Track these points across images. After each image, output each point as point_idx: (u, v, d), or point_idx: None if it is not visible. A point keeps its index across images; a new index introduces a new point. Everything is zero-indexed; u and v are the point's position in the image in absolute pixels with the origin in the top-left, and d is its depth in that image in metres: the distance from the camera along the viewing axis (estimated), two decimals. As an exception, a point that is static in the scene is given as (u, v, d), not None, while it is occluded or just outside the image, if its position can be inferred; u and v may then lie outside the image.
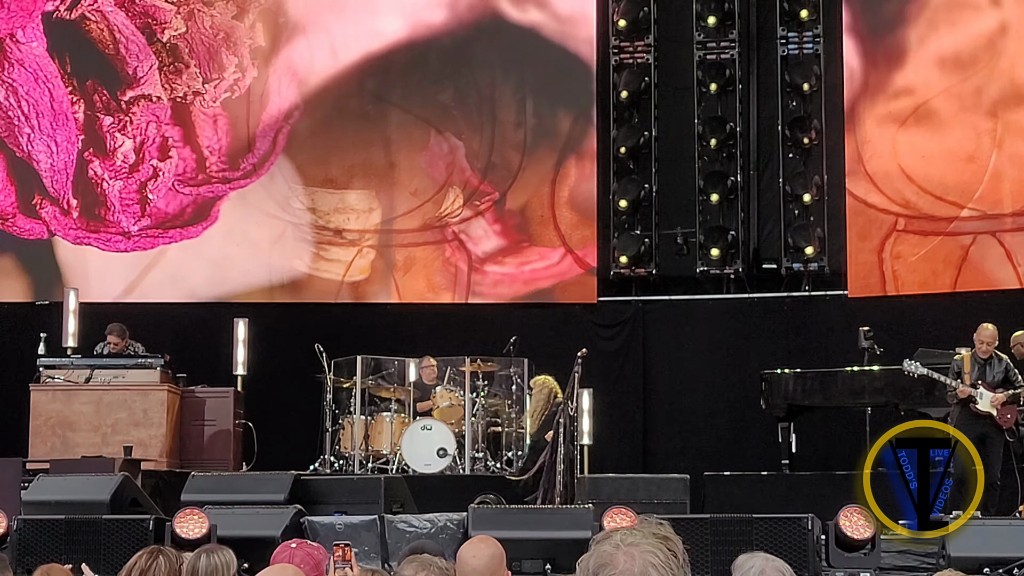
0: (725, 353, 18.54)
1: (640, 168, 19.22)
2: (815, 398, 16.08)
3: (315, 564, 5.73)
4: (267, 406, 17.04)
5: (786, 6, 18.91)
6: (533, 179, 19.20)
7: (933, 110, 18.17)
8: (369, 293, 19.24)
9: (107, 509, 11.65)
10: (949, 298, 17.77)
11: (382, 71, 19.48)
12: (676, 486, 13.23)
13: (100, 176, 19.16)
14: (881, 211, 18.28)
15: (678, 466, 15.56)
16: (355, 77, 19.46)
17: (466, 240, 19.15)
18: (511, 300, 19.13)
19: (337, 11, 19.60)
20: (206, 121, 19.32)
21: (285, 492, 12.49)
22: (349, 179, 19.36)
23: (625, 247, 18.92)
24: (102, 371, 15.46)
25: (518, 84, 19.45)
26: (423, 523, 11.77)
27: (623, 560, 3.42)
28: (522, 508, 12.90)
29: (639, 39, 19.38)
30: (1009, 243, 17.70)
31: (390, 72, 19.48)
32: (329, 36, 19.53)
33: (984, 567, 10.50)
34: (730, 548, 10.55)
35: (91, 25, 19.38)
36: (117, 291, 18.97)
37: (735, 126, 18.95)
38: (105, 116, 19.25)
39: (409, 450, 15.69)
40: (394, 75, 19.48)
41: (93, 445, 14.98)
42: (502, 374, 16.83)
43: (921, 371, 13.96)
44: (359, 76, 19.46)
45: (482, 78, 19.47)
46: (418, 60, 19.47)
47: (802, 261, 18.54)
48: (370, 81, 19.45)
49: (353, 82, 19.45)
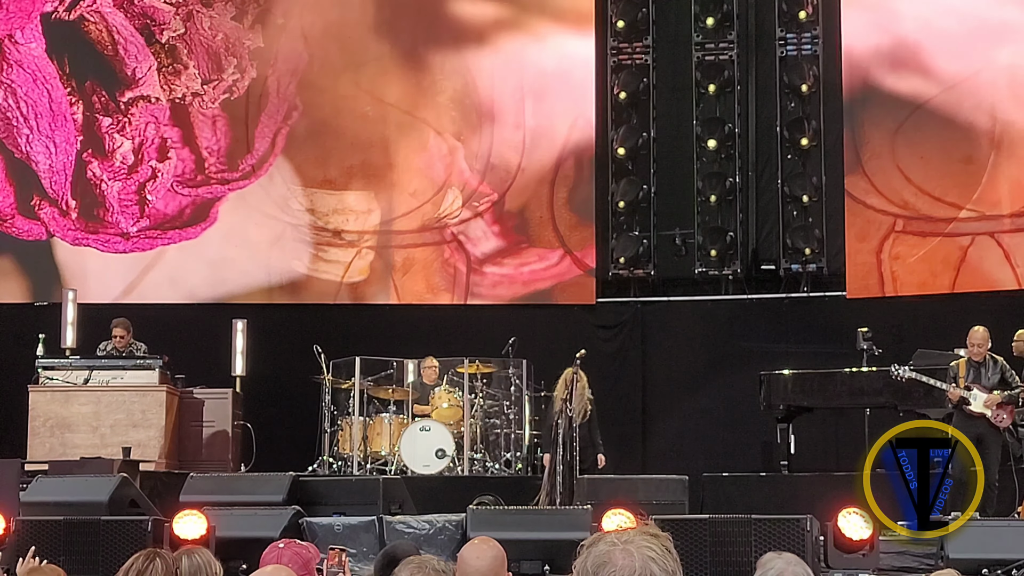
0: (724, 354, 18.53)
1: (638, 169, 19.22)
2: (814, 399, 16.08)
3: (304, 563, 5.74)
4: (266, 407, 17.05)
5: (784, 7, 18.91)
6: (532, 180, 19.20)
7: (932, 111, 18.17)
8: (368, 294, 19.24)
9: (105, 510, 11.64)
10: (947, 299, 17.78)
11: (381, 72, 19.47)
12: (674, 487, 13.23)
13: (99, 177, 19.17)
14: (880, 212, 18.29)
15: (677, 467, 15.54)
16: (353, 78, 19.45)
17: (465, 241, 19.16)
18: (510, 301, 19.13)
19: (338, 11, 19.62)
20: (205, 122, 19.32)
21: (283, 493, 12.50)
22: (348, 180, 19.36)
23: (624, 248, 18.92)
24: (100, 372, 15.47)
25: (516, 85, 19.45)
26: (421, 524, 11.77)
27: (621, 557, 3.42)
28: (520, 509, 12.90)
29: (638, 40, 19.39)
30: (1007, 244, 17.70)
31: (388, 72, 19.48)
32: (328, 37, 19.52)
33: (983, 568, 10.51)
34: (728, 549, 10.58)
35: (90, 26, 19.38)
36: (116, 292, 18.96)
37: (734, 127, 18.96)
38: (104, 117, 19.25)
39: (408, 451, 15.69)
40: (394, 76, 19.47)
41: (92, 446, 14.98)
42: (501, 375, 16.83)
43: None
44: (358, 77, 19.45)
45: (481, 79, 19.46)
46: (417, 61, 19.46)
47: (801, 262, 18.55)
48: (369, 82, 19.44)
49: (352, 82, 19.44)
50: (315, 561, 5.87)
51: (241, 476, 14.85)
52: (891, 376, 14.21)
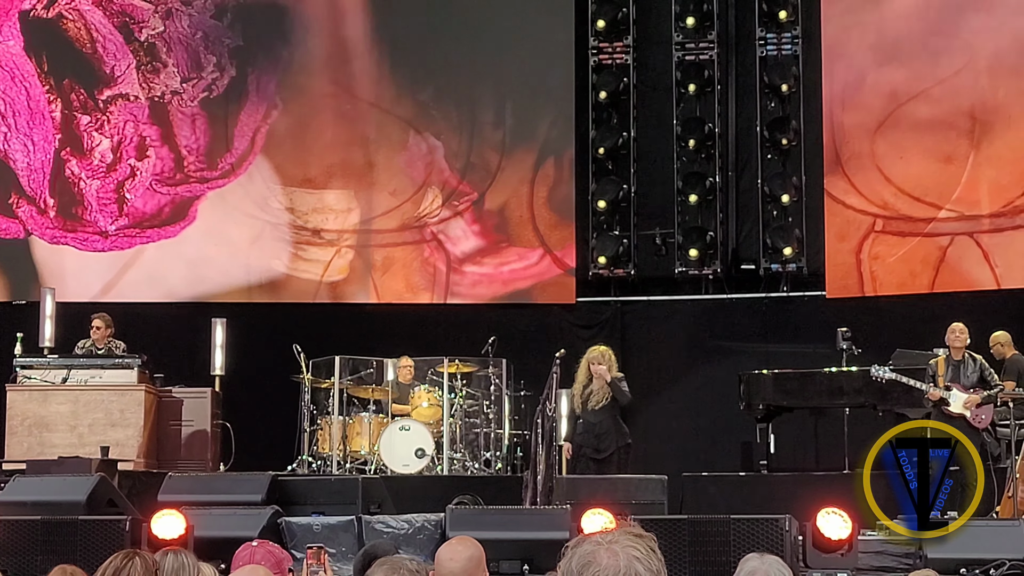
0: (703, 354, 18.56)
1: (619, 169, 19.22)
2: (793, 399, 16.10)
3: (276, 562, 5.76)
4: (245, 406, 17.00)
5: (764, 7, 18.93)
6: (512, 179, 19.19)
7: (911, 111, 18.21)
8: (347, 293, 19.22)
9: (84, 510, 11.60)
10: (927, 299, 17.82)
11: (361, 70, 19.44)
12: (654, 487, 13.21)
13: (77, 175, 19.11)
14: (859, 212, 18.33)
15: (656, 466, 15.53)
16: (334, 76, 19.43)
17: (445, 240, 19.14)
18: (490, 300, 19.12)
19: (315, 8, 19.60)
20: (184, 120, 19.27)
21: (262, 493, 12.47)
22: (328, 179, 19.33)
23: (603, 248, 18.93)
24: (79, 371, 15.40)
25: (497, 84, 19.45)
26: (401, 524, 11.75)
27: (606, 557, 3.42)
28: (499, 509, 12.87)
29: (618, 40, 19.39)
30: (986, 244, 17.75)
31: (369, 71, 19.46)
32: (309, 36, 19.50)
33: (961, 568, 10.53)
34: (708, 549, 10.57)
35: (68, 24, 19.32)
36: (94, 291, 18.90)
37: (714, 127, 18.98)
38: (82, 115, 19.20)
39: (387, 451, 15.67)
40: (373, 75, 19.45)
41: (70, 445, 14.91)
42: (480, 375, 16.82)
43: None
44: (338, 75, 19.43)
45: (461, 78, 19.45)
46: (398, 59, 19.44)
47: (780, 262, 18.57)
48: (349, 80, 19.41)
49: (331, 81, 19.42)
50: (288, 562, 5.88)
51: (220, 476, 14.82)
52: (871, 377, 14.24)
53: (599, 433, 14.44)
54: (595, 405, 14.43)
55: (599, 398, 14.42)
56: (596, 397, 14.43)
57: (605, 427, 14.45)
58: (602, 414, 14.44)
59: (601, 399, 14.41)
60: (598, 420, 14.44)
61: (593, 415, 14.46)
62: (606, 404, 14.43)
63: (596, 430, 14.45)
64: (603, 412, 14.45)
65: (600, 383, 14.40)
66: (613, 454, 14.47)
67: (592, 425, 14.44)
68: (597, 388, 14.42)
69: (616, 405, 14.57)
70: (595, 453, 14.46)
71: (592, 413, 14.43)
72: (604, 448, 14.44)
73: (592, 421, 14.44)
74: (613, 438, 14.50)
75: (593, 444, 14.46)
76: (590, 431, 14.45)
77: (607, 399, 14.41)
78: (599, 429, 14.44)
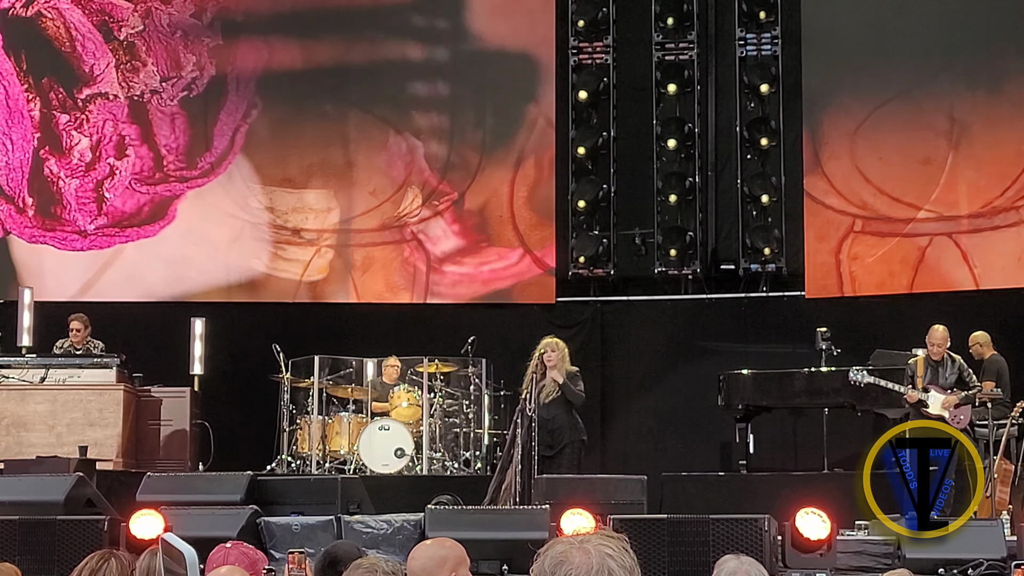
0: (683, 353, 18.57)
1: (598, 169, 19.22)
2: (772, 399, 16.15)
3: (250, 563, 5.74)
4: (224, 406, 16.99)
5: (744, 7, 18.95)
6: (492, 179, 19.19)
7: (891, 112, 18.24)
8: (327, 293, 19.19)
9: (62, 510, 11.57)
10: (906, 299, 17.86)
11: (341, 70, 19.42)
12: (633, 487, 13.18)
13: (56, 174, 19.05)
14: (839, 212, 18.36)
15: (635, 466, 15.57)
16: (314, 76, 19.40)
17: (425, 240, 19.13)
18: (469, 300, 19.12)
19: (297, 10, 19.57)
20: (163, 120, 19.23)
21: (241, 492, 12.43)
22: (307, 178, 19.31)
23: (583, 247, 18.92)
24: (57, 370, 15.38)
25: (477, 84, 19.44)
26: (380, 524, 11.73)
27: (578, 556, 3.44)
28: (478, 509, 12.87)
29: (598, 40, 19.39)
30: (965, 245, 17.79)
31: (349, 71, 19.44)
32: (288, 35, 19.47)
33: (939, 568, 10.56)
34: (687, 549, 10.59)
35: (47, 22, 19.26)
36: (73, 290, 18.85)
37: (693, 127, 18.98)
38: (61, 114, 19.14)
39: (366, 450, 15.67)
40: (353, 74, 19.43)
41: (48, 445, 14.88)
42: (460, 374, 16.83)
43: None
44: (318, 75, 19.40)
45: (441, 78, 19.44)
46: (378, 59, 19.42)
47: (760, 262, 18.59)
48: (329, 80, 19.39)
49: (311, 81, 19.38)
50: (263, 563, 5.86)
51: (198, 475, 14.78)
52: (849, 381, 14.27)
53: (552, 429, 13.83)
54: (546, 398, 13.80)
55: (550, 390, 13.85)
56: (548, 389, 13.83)
57: (559, 422, 13.90)
58: (555, 408, 13.86)
59: (552, 391, 13.85)
60: (551, 415, 13.82)
61: (546, 409, 13.77)
62: (557, 397, 13.88)
63: (549, 425, 13.79)
64: (556, 406, 13.88)
65: (552, 374, 13.87)
66: (565, 447, 13.94)
67: (544, 420, 13.73)
68: (549, 380, 13.86)
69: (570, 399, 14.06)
70: (546, 450, 13.73)
71: (544, 408, 13.76)
72: (556, 443, 13.87)
73: (545, 416, 13.74)
74: (567, 433, 13.97)
75: (546, 440, 13.73)
76: (543, 426, 13.68)
77: (559, 391, 13.91)
78: (552, 424, 13.83)
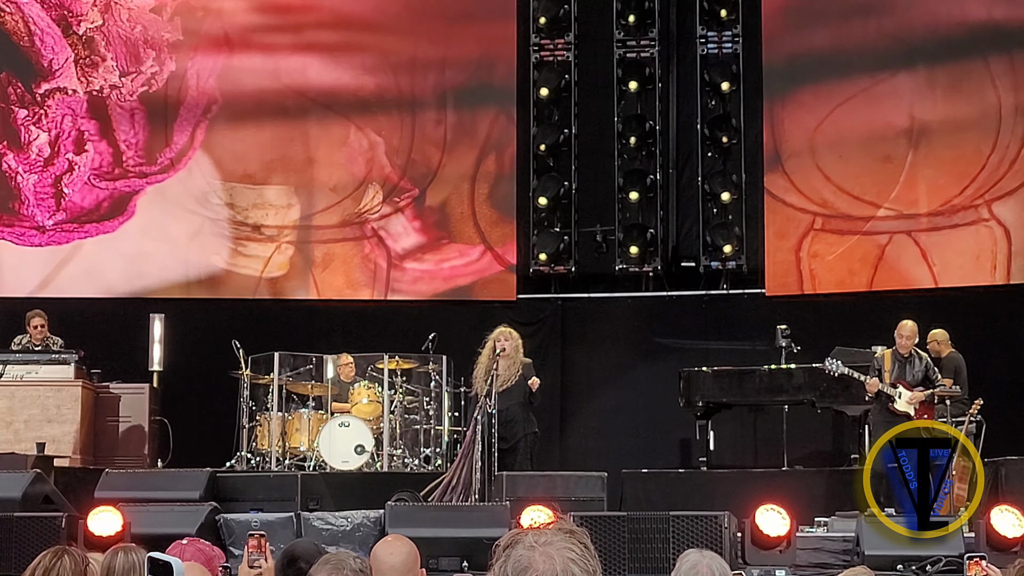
0: (643, 351, 18.60)
1: (560, 166, 19.22)
2: (733, 396, 16.19)
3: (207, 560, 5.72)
4: (183, 402, 16.93)
5: (706, 5, 18.98)
6: (453, 176, 19.17)
7: (851, 110, 18.30)
8: (287, 289, 19.14)
9: (19, 506, 11.52)
10: (865, 297, 17.94)
11: (301, 66, 19.37)
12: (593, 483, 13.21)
13: (14, 169, 18.93)
14: (799, 210, 18.42)
15: (596, 463, 15.57)
16: (274, 72, 19.33)
17: (385, 237, 19.10)
18: (430, 297, 19.09)
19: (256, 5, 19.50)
20: (123, 115, 19.13)
21: (201, 489, 12.43)
22: (268, 175, 19.25)
23: (544, 244, 18.92)
24: (15, 367, 15.28)
25: (438, 81, 19.41)
26: (340, 520, 11.73)
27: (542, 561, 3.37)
28: (439, 506, 12.88)
29: (559, 36, 19.39)
30: (924, 243, 17.88)
31: (309, 67, 19.38)
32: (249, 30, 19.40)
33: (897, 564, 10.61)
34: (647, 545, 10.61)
35: (5, 17, 19.13)
36: (31, 286, 18.73)
37: (655, 124, 19.00)
38: (20, 109, 19.02)
39: (326, 447, 15.63)
40: (314, 70, 19.37)
41: (5, 442, 14.81)
42: (421, 371, 16.80)
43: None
44: (278, 71, 19.33)
45: (402, 74, 19.40)
46: (339, 55, 19.37)
47: (720, 259, 18.63)
48: (289, 76, 19.32)
49: (272, 76, 19.32)
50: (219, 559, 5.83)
51: (157, 472, 14.76)
52: (824, 370, 14.29)
53: (505, 420, 13.66)
54: (500, 387, 13.51)
55: (505, 378, 13.62)
56: (502, 378, 13.58)
57: (512, 414, 13.78)
58: (509, 399, 13.66)
59: (507, 380, 13.63)
60: (505, 406, 13.59)
61: (499, 400, 13.51)
62: (512, 387, 13.68)
63: (503, 417, 13.60)
64: (510, 397, 13.69)
65: (506, 363, 13.66)
66: (520, 441, 13.84)
67: (499, 412, 13.53)
68: (503, 368, 13.63)
69: (524, 390, 13.84)
70: (500, 443, 13.51)
71: (499, 398, 13.49)
72: (510, 436, 13.72)
73: (499, 407, 13.52)
74: (521, 426, 13.84)
75: (500, 433, 13.52)
76: (497, 418, 13.49)
77: (514, 380, 13.73)
78: (506, 416, 13.66)
